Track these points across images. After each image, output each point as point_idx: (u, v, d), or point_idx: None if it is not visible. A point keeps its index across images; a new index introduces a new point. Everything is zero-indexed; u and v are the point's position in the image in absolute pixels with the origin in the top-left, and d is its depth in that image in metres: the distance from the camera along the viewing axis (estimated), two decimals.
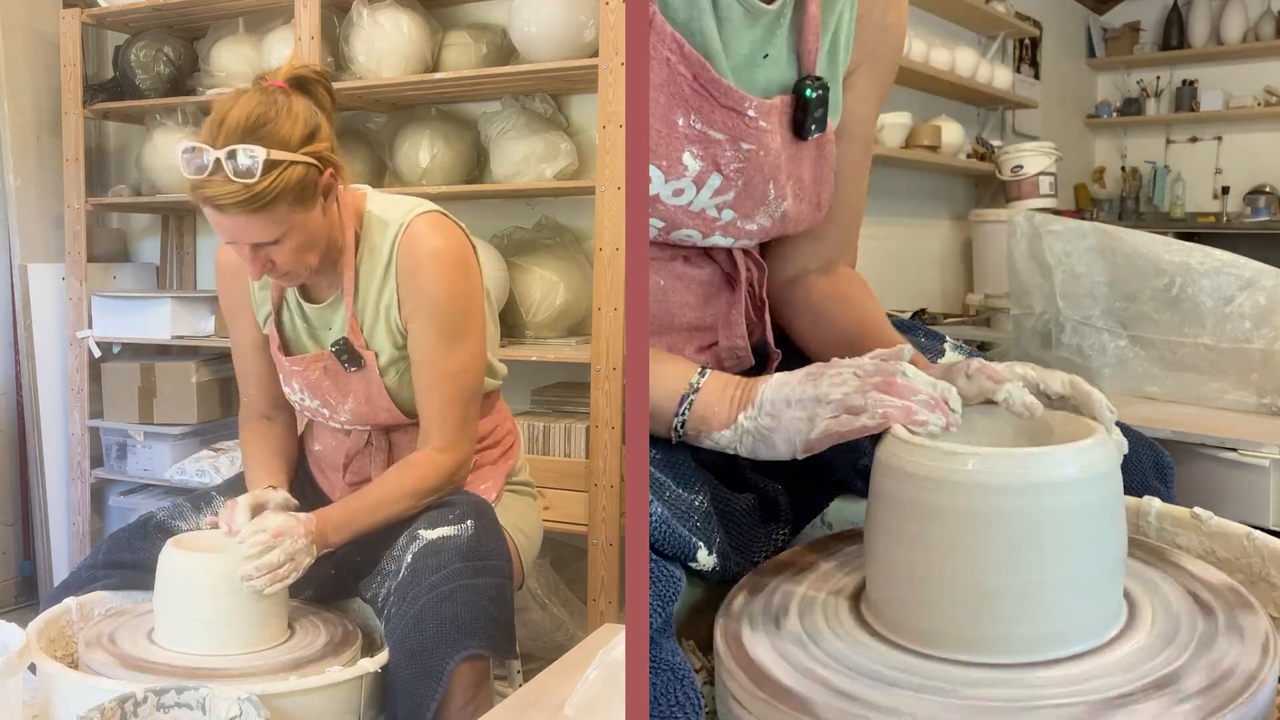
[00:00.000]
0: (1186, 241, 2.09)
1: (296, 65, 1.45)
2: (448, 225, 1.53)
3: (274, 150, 1.33)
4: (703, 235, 1.11)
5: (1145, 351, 2.03)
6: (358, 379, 1.53)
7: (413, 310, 1.48)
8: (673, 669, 0.81)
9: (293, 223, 1.38)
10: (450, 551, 1.38)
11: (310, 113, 1.41)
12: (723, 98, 1.02)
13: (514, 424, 1.77)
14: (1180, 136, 5.92)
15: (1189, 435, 1.78)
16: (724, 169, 1.05)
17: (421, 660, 1.29)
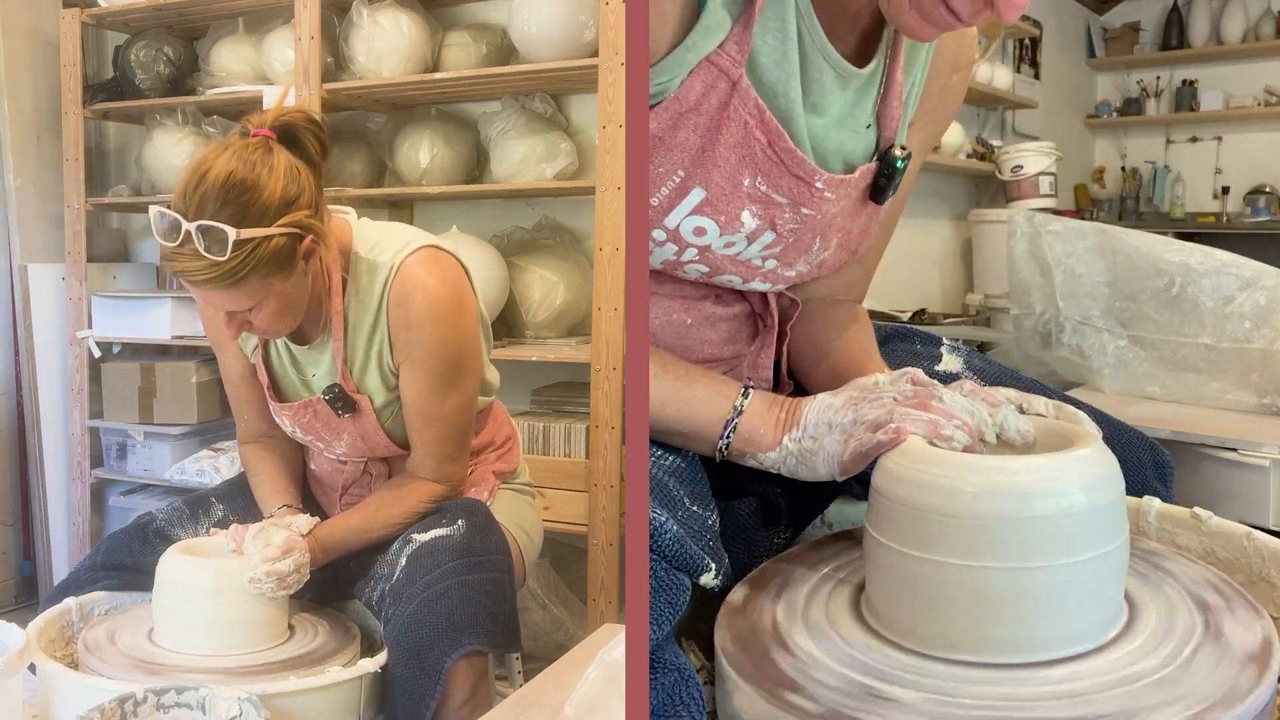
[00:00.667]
0: (1186, 241, 2.09)
1: (285, 112, 1.35)
2: (441, 262, 1.45)
3: (245, 229, 1.26)
4: (743, 280, 1.11)
5: (1145, 351, 2.02)
6: (351, 421, 1.50)
7: (406, 356, 1.45)
8: (678, 669, 0.81)
9: (269, 291, 1.32)
10: (444, 550, 1.38)
11: (291, 176, 1.31)
12: (794, 168, 1.00)
13: (512, 428, 1.77)
14: (1180, 136, 5.92)
15: (1189, 435, 1.78)
16: (780, 229, 1.04)
17: (419, 659, 1.29)
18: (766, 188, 1.00)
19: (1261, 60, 5.61)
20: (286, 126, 1.35)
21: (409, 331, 1.43)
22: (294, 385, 1.53)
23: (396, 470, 1.58)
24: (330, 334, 1.46)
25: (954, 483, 0.79)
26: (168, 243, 1.27)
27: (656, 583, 0.85)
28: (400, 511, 1.49)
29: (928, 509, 0.80)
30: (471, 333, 1.49)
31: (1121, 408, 1.25)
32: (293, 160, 1.32)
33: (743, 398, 1.01)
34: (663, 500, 0.96)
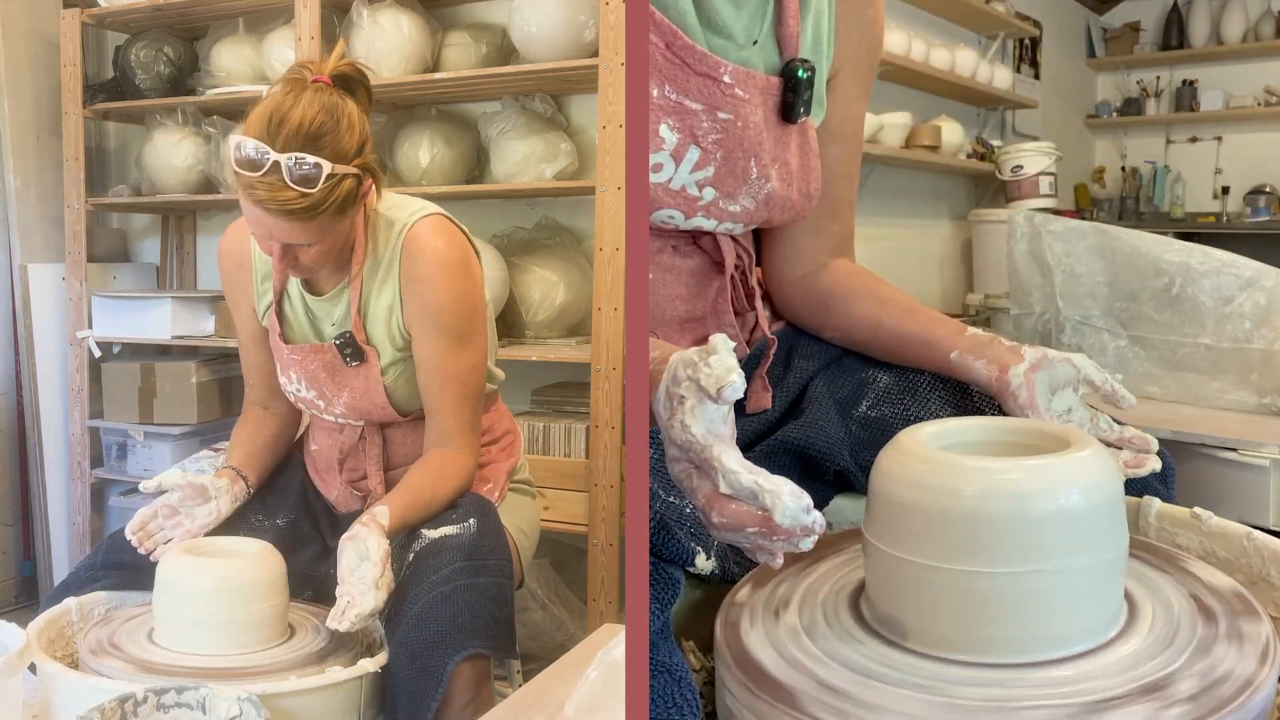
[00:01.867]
0: (1186, 241, 2.09)
1: (342, 62, 1.42)
2: (450, 228, 1.53)
3: (334, 164, 1.33)
4: (685, 216, 1.10)
5: (1145, 351, 2.02)
6: (356, 374, 1.53)
7: (416, 314, 1.49)
8: (669, 670, 0.81)
9: (330, 229, 1.39)
10: (452, 551, 1.38)
11: (362, 122, 1.40)
12: (696, 64, 1.01)
13: (513, 423, 1.78)
14: (1180, 136, 5.92)
15: (1189, 435, 1.78)
16: (701, 140, 1.04)
17: (422, 660, 1.29)
18: (676, 95, 1.01)
19: (1261, 60, 5.61)
20: (343, 76, 1.41)
21: (418, 286, 1.47)
22: (305, 332, 1.57)
23: (393, 442, 1.59)
24: (347, 284, 1.51)
25: (954, 485, 0.79)
26: (250, 172, 1.31)
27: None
28: (451, 483, 1.50)
29: (927, 512, 0.80)
30: (478, 291, 1.53)
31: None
32: (360, 115, 1.40)
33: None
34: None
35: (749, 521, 0.73)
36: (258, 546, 1.41)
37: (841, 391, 1.20)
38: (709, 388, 0.75)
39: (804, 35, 1.12)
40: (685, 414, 0.77)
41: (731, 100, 1.04)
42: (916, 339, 1.18)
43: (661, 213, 1.09)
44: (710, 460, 0.75)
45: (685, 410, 0.77)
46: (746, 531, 0.74)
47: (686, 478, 0.78)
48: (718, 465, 0.74)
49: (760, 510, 0.73)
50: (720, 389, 0.74)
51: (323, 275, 1.52)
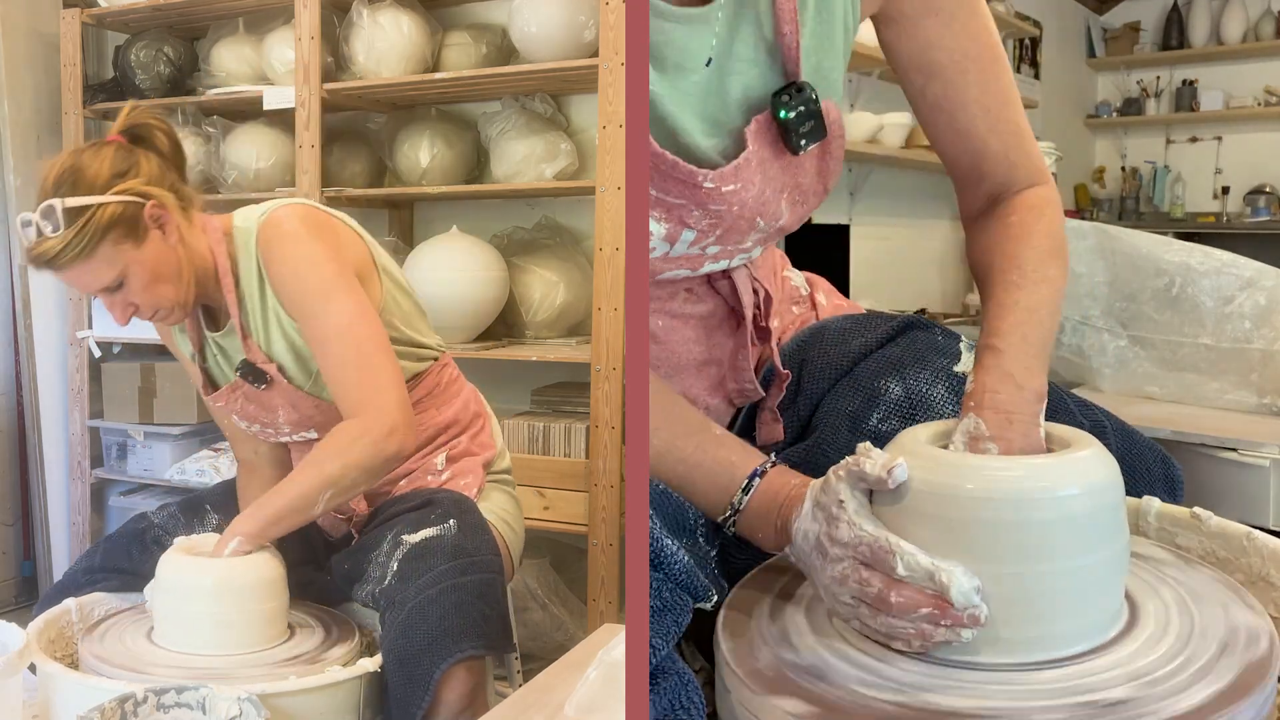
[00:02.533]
0: (1186, 241, 2.09)
1: (133, 115, 1.47)
2: (294, 207, 1.51)
3: (70, 199, 1.36)
4: (693, 270, 1.05)
5: (1145, 351, 2.02)
6: (275, 393, 1.52)
7: (285, 297, 1.48)
8: (678, 674, 0.81)
9: (126, 260, 1.40)
10: (436, 553, 1.37)
11: (120, 157, 1.42)
12: (670, 170, 0.91)
13: (481, 404, 1.74)
14: (1180, 136, 5.92)
15: (1189, 435, 1.78)
16: (694, 225, 0.96)
17: (409, 667, 1.28)
18: (656, 191, 0.91)
19: (1261, 60, 5.61)
20: (132, 130, 1.46)
21: (275, 266, 1.47)
22: (223, 374, 1.58)
23: None
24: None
25: (954, 483, 0.79)
26: (26, 243, 1.39)
27: (662, 603, 0.85)
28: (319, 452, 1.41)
29: (927, 512, 0.80)
30: (330, 247, 1.48)
31: (1121, 408, 1.24)
32: (127, 148, 1.44)
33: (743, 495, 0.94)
34: (677, 526, 0.94)
35: (923, 604, 0.77)
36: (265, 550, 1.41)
37: (852, 405, 1.14)
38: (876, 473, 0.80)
39: (805, 29, 0.96)
40: (850, 515, 0.81)
41: (719, 195, 0.94)
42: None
43: (669, 273, 1.02)
44: (888, 548, 0.78)
45: (849, 512, 0.81)
46: (919, 613, 0.77)
47: (854, 573, 0.80)
48: (896, 550, 0.78)
49: (932, 593, 0.77)
50: (891, 469, 0.79)
51: (216, 310, 1.54)
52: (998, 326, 0.95)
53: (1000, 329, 0.95)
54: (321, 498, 1.39)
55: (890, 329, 1.20)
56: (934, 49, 1.02)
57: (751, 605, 0.91)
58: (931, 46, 1.02)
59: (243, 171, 2.85)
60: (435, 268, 2.52)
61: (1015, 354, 0.92)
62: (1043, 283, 0.99)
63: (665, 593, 0.86)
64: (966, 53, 1.02)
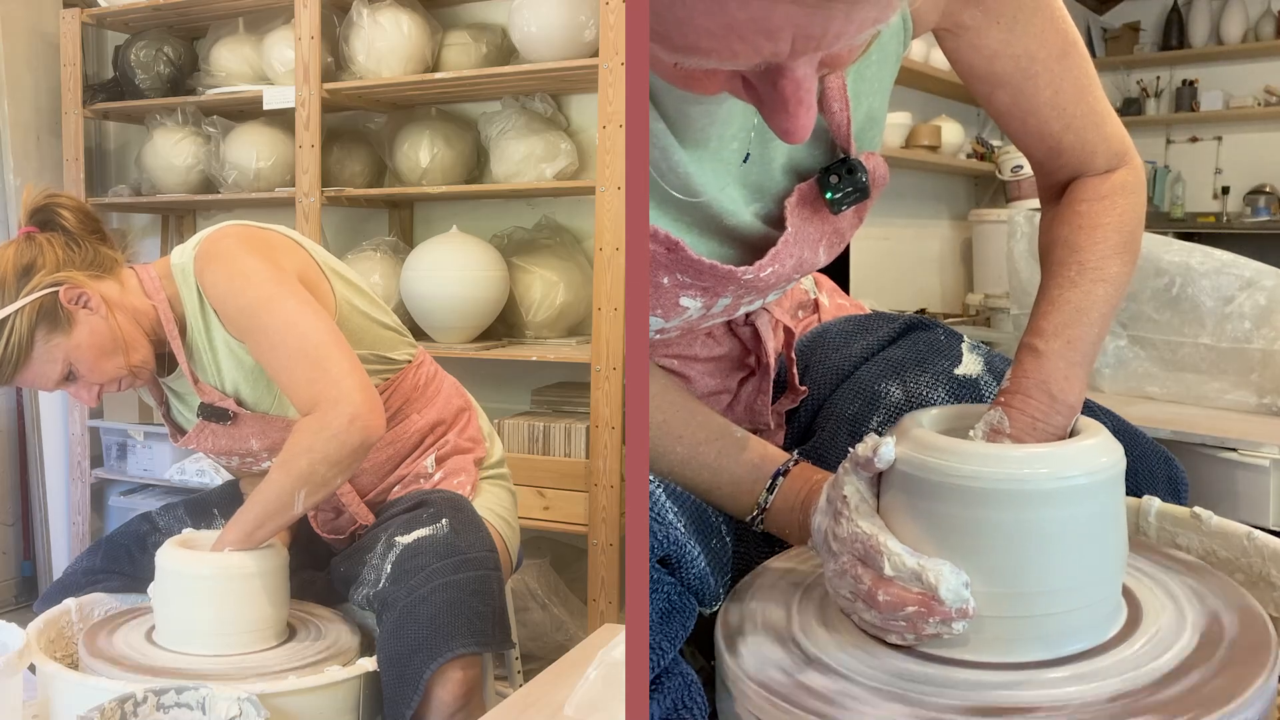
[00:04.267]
0: (1186, 241, 2.09)
1: (35, 198, 1.46)
2: (228, 227, 1.48)
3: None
4: (729, 315, 1.02)
5: (1145, 351, 2.02)
6: (242, 426, 1.51)
7: (227, 318, 1.44)
8: (682, 675, 0.81)
9: (64, 350, 1.40)
10: (428, 553, 1.37)
11: (20, 252, 1.40)
12: (709, 271, 0.89)
13: (464, 397, 1.72)
14: (1180, 136, 5.92)
15: (1189, 435, 1.78)
16: (732, 294, 0.95)
17: (400, 667, 1.28)
18: (690, 279, 0.90)
19: (1261, 60, 5.61)
20: (34, 213, 1.46)
21: (212, 293, 1.44)
22: (186, 418, 1.57)
23: None
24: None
25: (956, 471, 0.79)
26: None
27: (670, 606, 0.85)
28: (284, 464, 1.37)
29: (928, 506, 0.80)
30: (262, 255, 1.44)
31: (1121, 408, 1.24)
32: (32, 239, 1.42)
33: (767, 494, 0.95)
34: (699, 526, 0.94)
35: (910, 601, 0.77)
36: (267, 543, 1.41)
37: (852, 409, 1.14)
38: (864, 454, 0.81)
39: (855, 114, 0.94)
40: (851, 510, 0.82)
41: (758, 281, 0.92)
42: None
43: (707, 323, 1.01)
44: (877, 547, 0.79)
45: (850, 508, 0.82)
46: (906, 611, 0.77)
47: (850, 569, 0.81)
48: (884, 550, 0.78)
49: (919, 591, 0.77)
50: (876, 449, 0.80)
51: (165, 357, 1.51)
52: (1043, 326, 0.92)
53: (1045, 329, 0.92)
54: (297, 497, 1.36)
55: (892, 330, 1.20)
56: (998, 59, 0.97)
57: (751, 604, 0.91)
58: (996, 56, 0.97)
59: (243, 171, 2.85)
60: (435, 268, 2.52)
61: (1055, 360, 0.90)
62: (1100, 281, 0.94)
63: (675, 596, 0.86)
64: (1034, 56, 0.97)
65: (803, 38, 0.56)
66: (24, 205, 1.46)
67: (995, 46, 0.96)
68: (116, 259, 1.48)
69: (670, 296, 0.91)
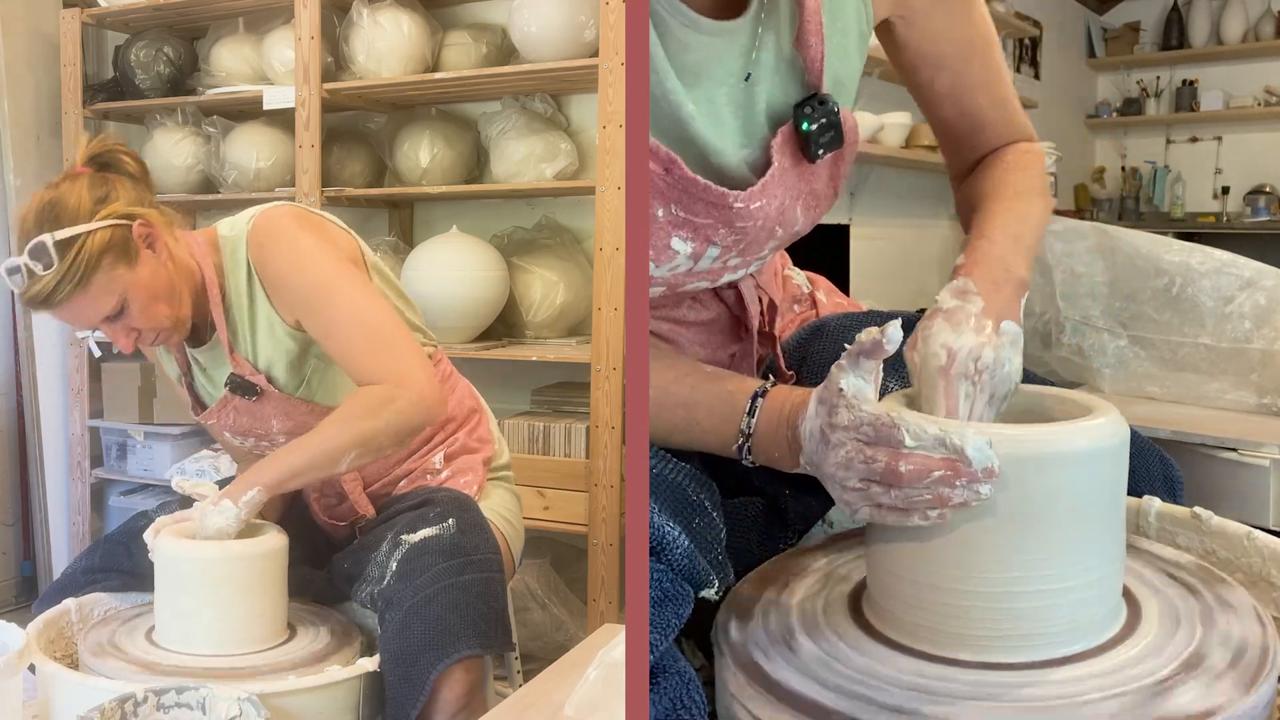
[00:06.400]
0: (1186, 241, 2.09)
1: (93, 145, 1.44)
2: (282, 208, 1.50)
3: (59, 231, 1.33)
4: (712, 282, 1.04)
5: (1145, 351, 2.02)
6: (265, 404, 1.51)
7: (283, 298, 1.45)
8: (679, 673, 0.81)
9: (124, 284, 1.38)
10: (434, 553, 1.37)
11: (98, 182, 1.39)
12: (701, 193, 0.91)
13: (476, 399, 1.73)
14: (1180, 136, 5.92)
15: (1189, 435, 1.78)
16: (720, 242, 0.96)
17: (405, 667, 1.28)
18: (684, 213, 0.91)
19: (1261, 60, 5.61)
20: (96, 158, 1.44)
21: (269, 269, 1.45)
22: (209, 392, 1.57)
23: None
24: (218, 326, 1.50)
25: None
26: (18, 288, 1.36)
27: (662, 593, 0.85)
28: (340, 418, 1.38)
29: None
30: (324, 241, 1.47)
31: (1122, 408, 1.24)
32: (101, 175, 1.41)
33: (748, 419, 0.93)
34: (678, 507, 0.93)
35: (934, 467, 0.76)
36: (264, 526, 1.41)
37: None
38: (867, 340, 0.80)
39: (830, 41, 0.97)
40: (849, 398, 0.81)
41: (746, 213, 0.94)
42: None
43: (689, 286, 1.03)
44: (891, 422, 0.78)
45: (847, 396, 0.81)
46: (931, 478, 0.76)
47: (857, 454, 0.80)
48: (900, 423, 0.78)
49: (943, 458, 0.76)
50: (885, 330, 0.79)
51: (200, 326, 1.51)
52: (988, 226, 1.01)
53: (990, 228, 1.01)
54: (346, 457, 1.37)
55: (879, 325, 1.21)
56: (941, 40, 1.07)
57: (750, 603, 0.91)
58: (939, 38, 1.07)
59: (243, 171, 2.85)
60: (435, 268, 2.52)
61: (1005, 245, 0.98)
62: (1033, 203, 1.06)
63: (666, 583, 0.85)
64: (971, 41, 1.09)
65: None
66: (84, 149, 1.43)
67: (938, 28, 1.07)
68: (175, 216, 1.48)
69: (663, 235, 0.92)
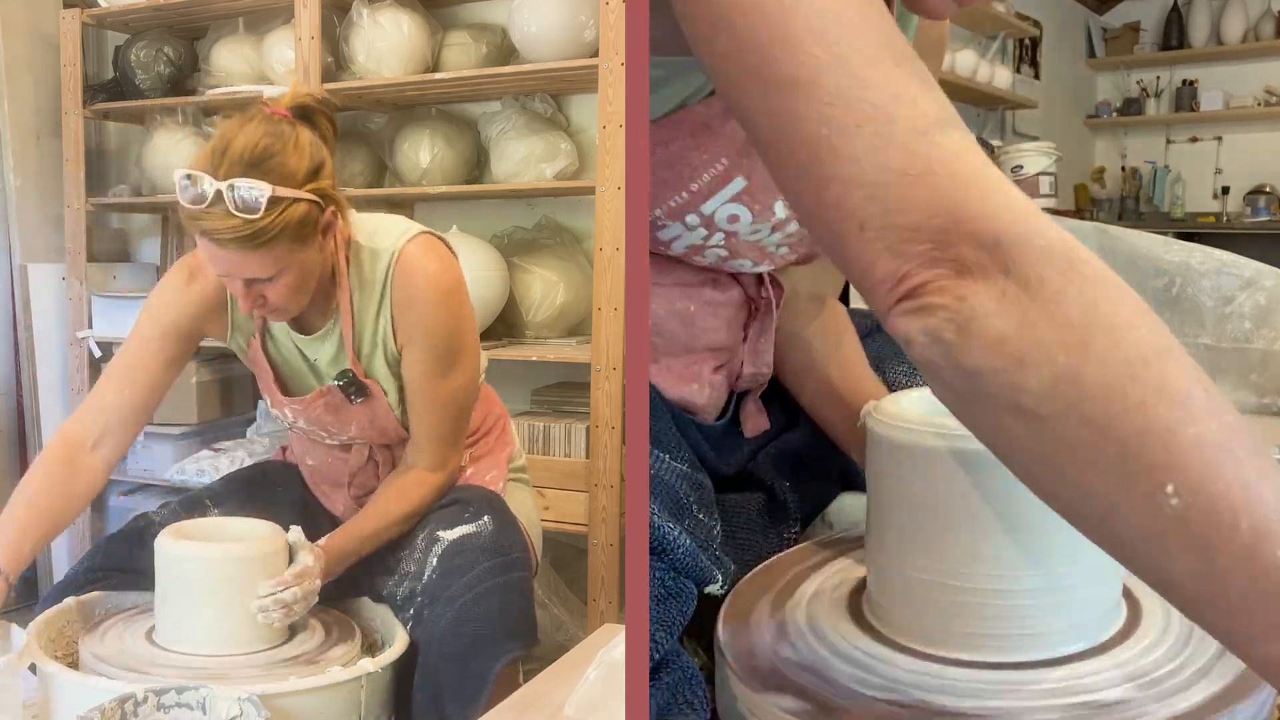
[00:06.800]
0: (1186, 241, 2.09)
1: (300, 93, 1.41)
2: (438, 249, 1.48)
3: (278, 187, 1.30)
4: (754, 264, 1.10)
5: None
6: (361, 408, 1.51)
7: (409, 338, 1.46)
8: (681, 668, 0.81)
9: (290, 260, 1.34)
10: (475, 550, 1.39)
11: (316, 147, 1.37)
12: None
13: (501, 407, 1.76)
14: (1180, 136, 5.92)
15: None
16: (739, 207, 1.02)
17: (464, 663, 1.30)
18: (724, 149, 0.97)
19: (1261, 60, 5.61)
20: (301, 107, 1.39)
21: (411, 313, 1.44)
22: (301, 376, 1.54)
23: (400, 457, 1.58)
24: (336, 321, 1.47)
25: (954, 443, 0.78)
26: (196, 205, 1.28)
27: (665, 591, 0.85)
28: (407, 507, 1.48)
29: (927, 491, 0.80)
30: (469, 316, 1.51)
31: None
32: (314, 136, 1.38)
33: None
34: (672, 508, 0.94)
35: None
36: (265, 527, 1.41)
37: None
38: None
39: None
40: None
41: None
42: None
43: (736, 261, 1.08)
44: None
45: None
46: None
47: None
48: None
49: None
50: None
51: (310, 313, 1.48)
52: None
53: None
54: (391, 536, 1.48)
55: (868, 325, 1.26)
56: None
57: (752, 602, 0.91)
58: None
59: None
60: None
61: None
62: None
63: (668, 581, 0.86)
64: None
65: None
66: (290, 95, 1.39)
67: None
68: (346, 199, 1.45)
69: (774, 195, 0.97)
